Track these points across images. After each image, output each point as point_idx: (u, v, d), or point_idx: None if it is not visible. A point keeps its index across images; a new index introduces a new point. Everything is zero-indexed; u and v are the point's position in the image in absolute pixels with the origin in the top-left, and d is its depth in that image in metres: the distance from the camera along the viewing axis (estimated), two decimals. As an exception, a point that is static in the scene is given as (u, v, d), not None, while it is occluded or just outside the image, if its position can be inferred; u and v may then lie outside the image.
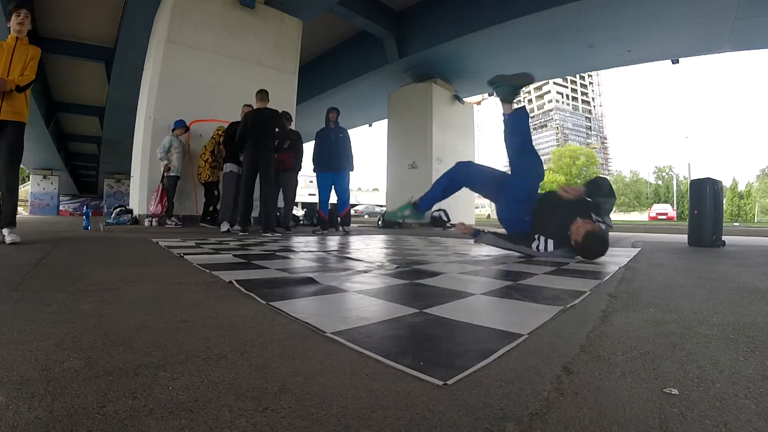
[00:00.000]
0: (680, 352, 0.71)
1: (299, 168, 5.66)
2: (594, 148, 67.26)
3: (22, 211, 24.78)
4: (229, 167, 5.16)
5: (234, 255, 2.18)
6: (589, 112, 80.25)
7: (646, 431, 0.45)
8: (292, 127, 5.68)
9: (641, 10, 7.36)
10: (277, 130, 4.52)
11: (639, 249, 3.02)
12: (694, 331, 0.85)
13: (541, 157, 2.56)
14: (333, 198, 5.50)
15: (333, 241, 3.65)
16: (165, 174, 5.58)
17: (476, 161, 13.14)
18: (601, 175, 2.53)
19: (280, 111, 4.93)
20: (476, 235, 2.53)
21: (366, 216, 26.13)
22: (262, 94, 4.60)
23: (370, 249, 2.92)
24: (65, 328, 0.79)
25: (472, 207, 12.63)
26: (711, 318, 0.96)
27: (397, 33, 9.49)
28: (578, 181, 45.44)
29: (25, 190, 27.07)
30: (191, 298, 1.12)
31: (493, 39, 8.62)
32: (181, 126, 5.69)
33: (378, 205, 31.12)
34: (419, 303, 1.07)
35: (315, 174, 5.46)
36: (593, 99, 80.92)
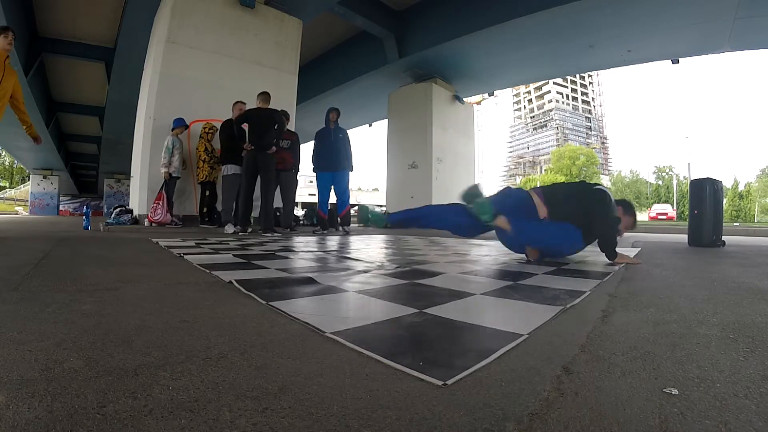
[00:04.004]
0: (680, 352, 0.71)
1: (298, 168, 5.67)
2: (594, 148, 67.27)
3: (22, 211, 24.80)
4: (231, 169, 5.14)
5: (234, 255, 2.18)
6: (589, 112, 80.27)
7: (646, 431, 0.45)
8: (291, 127, 5.68)
9: (641, 10, 7.37)
10: (276, 126, 4.52)
11: (639, 249, 3.02)
12: (694, 331, 0.85)
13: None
14: (333, 198, 5.51)
15: (333, 241, 3.65)
16: (166, 180, 5.57)
17: (477, 162, 13.08)
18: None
19: (279, 110, 4.94)
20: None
21: (366, 216, 26.07)
22: (264, 96, 4.60)
23: (370, 249, 2.92)
24: (65, 328, 0.79)
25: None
26: (711, 318, 0.96)
27: (397, 33, 9.49)
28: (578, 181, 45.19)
29: (25, 190, 27.14)
30: (191, 298, 1.12)
31: (493, 39, 8.63)
32: (180, 125, 5.69)
33: (378, 205, 31.07)
34: (419, 303, 1.07)
35: (315, 174, 5.47)
36: (593, 99, 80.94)
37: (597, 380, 0.59)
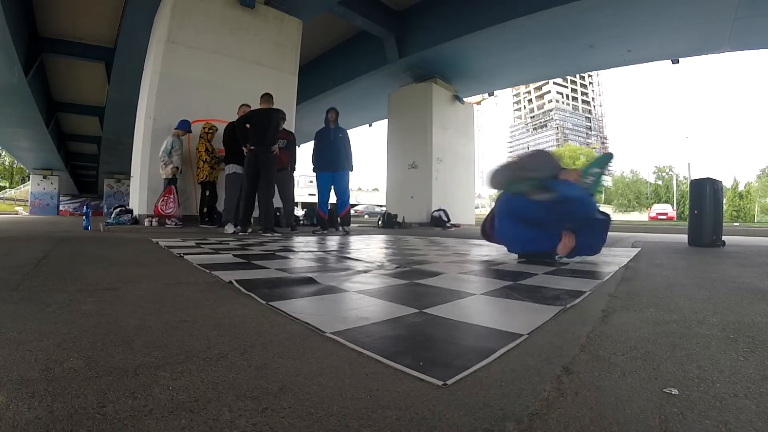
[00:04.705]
0: (680, 352, 0.71)
1: (294, 167, 5.66)
2: (594, 148, 67.27)
3: (22, 211, 24.81)
4: (232, 168, 5.14)
5: (234, 255, 2.18)
6: (589, 112, 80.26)
7: (646, 431, 0.45)
8: (291, 127, 5.68)
9: (641, 10, 7.36)
10: (273, 128, 4.52)
11: (639, 249, 3.02)
12: (694, 331, 0.85)
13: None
14: (333, 198, 5.50)
15: (333, 241, 3.65)
16: (174, 176, 5.60)
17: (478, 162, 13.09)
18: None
19: (276, 110, 4.93)
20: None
21: (366, 216, 26.12)
22: (265, 97, 4.62)
23: (370, 249, 2.92)
24: (65, 328, 0.79)
25: (472, 207, 12.63)
26: (711, 318, 0.96)
27: (397, 33, 9.48)
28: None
29: (25, 190, 27.11)
30: (191, 298, 1.12)
31: (493, 39, 8.62)
32: (184, 128, 5.69)
33: (378, 205, 31.06)
34: (419, 303, 1.07)
35: (315, 174, 5.46)
36: (593, 99, 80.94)
37: (597, 380, 0.59)
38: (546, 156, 2.33)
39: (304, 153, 5.71)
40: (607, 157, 2.35)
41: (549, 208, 2.02)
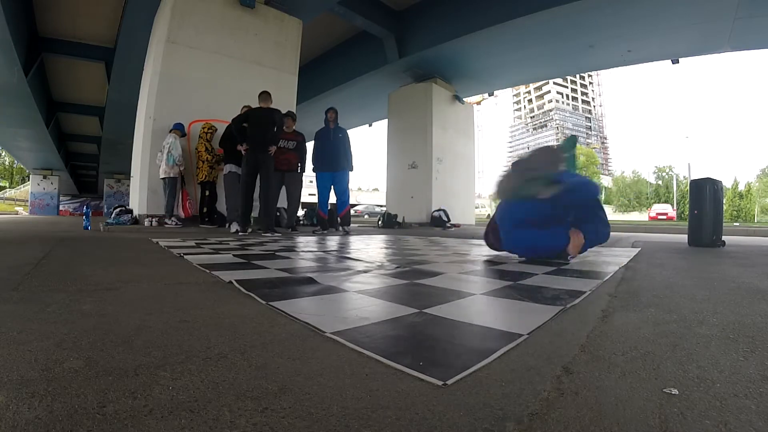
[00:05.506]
0: (680, 352, 0.71)
1: (304, 168, 5.67)
2: (594, 148, 67.32)
3: (22, 211, 24.80)
4: (228, 168, 5.16)
5: (234, 255, 2.18)
6: (589, 112, 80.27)
7: (646, 431, 0.45)
8: (295, 127, 5.68)
9: (641, 10, 7.36)
10: (276, 129, 4.53)
11: (639, 249, 3.02)
12: (694, 331, 0.85)
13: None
14: (333, 198, 5.51)
15: (333, 241, 3.65)
16: (182, 175, 5.69)
17: (477, 162, 13.09)
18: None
19: (284, 111, 4.94)
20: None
21: (366, 216, 26.12)
22: (264, 96, 4.61)
23: (370, 249, 2.92)
24: (65, 328, 0.79)
25: (472, 207, 12.63)
26: (711, 318, 0.96)
27: (397, 33, 9.48)
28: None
29: (25, 190, 27.09)
30: (191, 298, 1.12)
31: (493, 39, 8.62)
32: (179, 129, 5.69)
33: (378, 205, 31.05)
34: (419, 303, 1.07)
35: (314, 174, 5.47)
36: (593, 99, 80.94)
37: (597, 380, 0.59)
38: (548, 151, 2.36)
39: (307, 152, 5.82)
40: (573, 140, 2.51)
41: (555, 201, 2.03)
